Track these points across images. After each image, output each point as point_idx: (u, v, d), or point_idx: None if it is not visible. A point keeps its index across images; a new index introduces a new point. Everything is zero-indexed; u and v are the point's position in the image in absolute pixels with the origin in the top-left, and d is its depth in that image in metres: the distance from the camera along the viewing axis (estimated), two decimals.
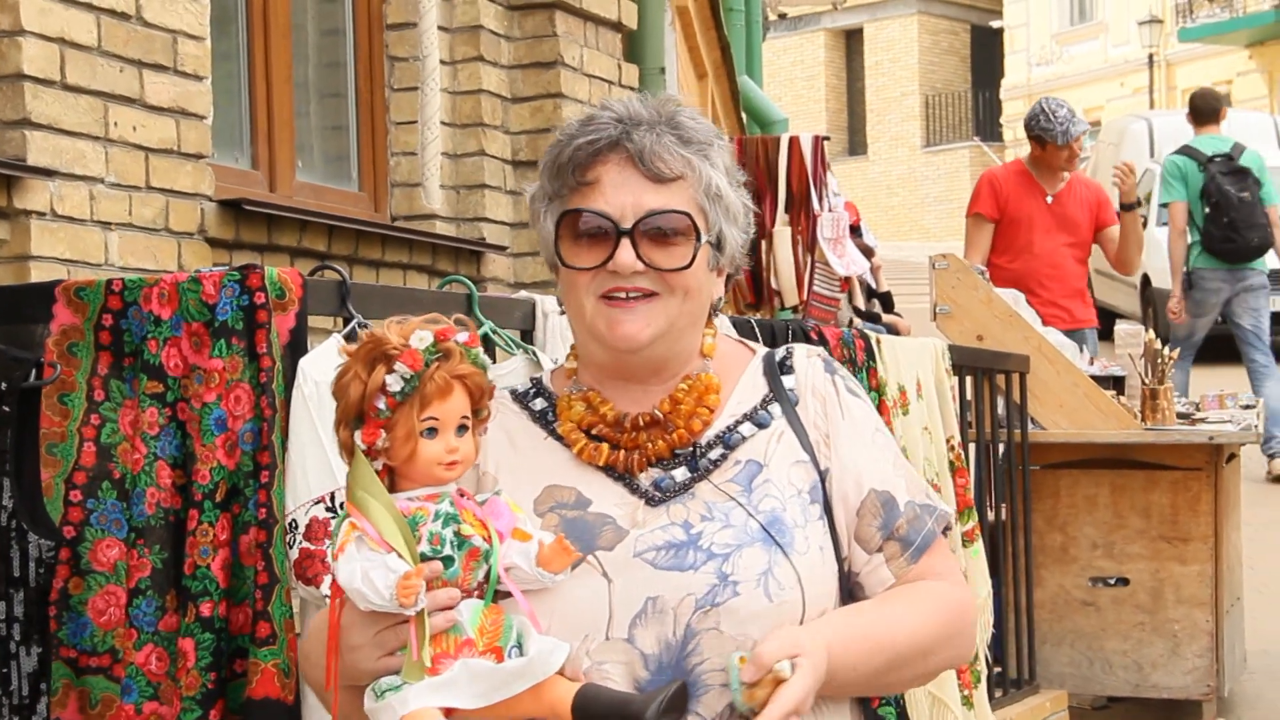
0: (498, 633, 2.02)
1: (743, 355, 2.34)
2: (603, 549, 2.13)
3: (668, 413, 2.22)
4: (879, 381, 3.96)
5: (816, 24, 39.57)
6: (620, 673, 2.07)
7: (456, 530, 2.03)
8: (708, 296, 2.25)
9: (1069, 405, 6.00)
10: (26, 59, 3.80)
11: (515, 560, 2.05)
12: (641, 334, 2.17)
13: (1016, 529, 5.74)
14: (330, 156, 5.62)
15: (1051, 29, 37.06)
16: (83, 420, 2.56)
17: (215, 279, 2.53)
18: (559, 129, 2.26)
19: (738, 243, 2.26)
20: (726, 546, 2.12)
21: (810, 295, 9.76)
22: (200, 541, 2.47)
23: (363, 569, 1.98)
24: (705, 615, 2.08)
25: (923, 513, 2.24)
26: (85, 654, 2.53)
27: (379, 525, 2.00)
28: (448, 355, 2.05)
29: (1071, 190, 8.00)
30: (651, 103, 2.24)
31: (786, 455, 2.22)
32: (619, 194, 2.17)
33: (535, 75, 5.80)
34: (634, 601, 2.09)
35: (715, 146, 2.24)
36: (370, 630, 2.03)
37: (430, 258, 5.43)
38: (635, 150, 2.17)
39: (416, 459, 2.04)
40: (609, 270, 2.16)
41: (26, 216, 3.81)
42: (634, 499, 2.18)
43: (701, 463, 2.20)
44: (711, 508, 2.16)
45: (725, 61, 10.22)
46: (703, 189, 2.20)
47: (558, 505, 2.17)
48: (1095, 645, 6.00)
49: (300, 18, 5.38)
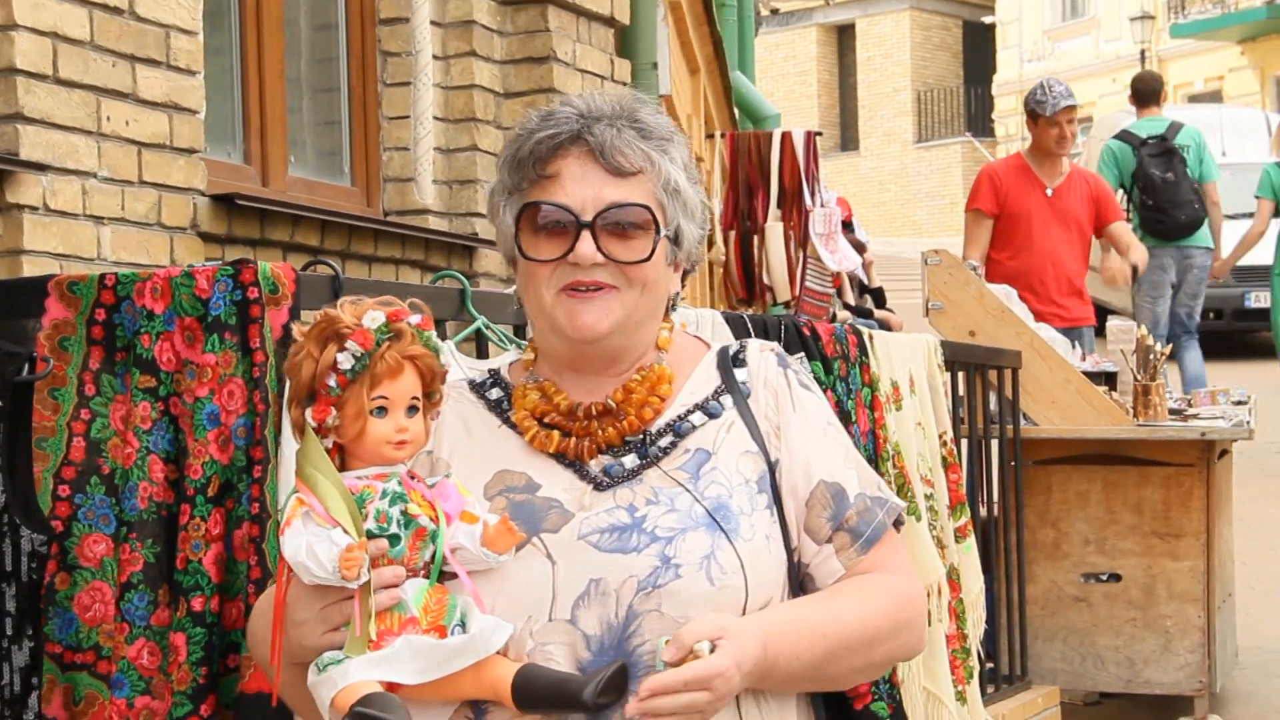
0: (441, 612, 2.05)
1: (697, 349, 2.36)
2: (548, 531, 2.16)
3: (620, 402, 2.24)
4: (872, 377, 3.96)
5: (809, 19, 39.56)
6: (563, 654, 2.10)
7: (404, 509, 2.06)
8: (665, 290, 2.28)
9: (1061, 401, 6.01)
10: (19, 53, 3.79)
11: (461, 541, 2.09)
12: (600, 324, 2.19)
13: (1009, 525, 5.74)
14: (323, 151, 5.61)
15: (1043, 24, 37.07)
16: (72, 415, 2.56)
17: (208, 274, 2.53)
18: (518, 124, 2.29)
19: (694, 238, 2.29)
20: (670, 530, 2.14)
21: (802, 290, 9.78)
22: (192, 536, 2.47)
23: (307, 543, 2.01)
24: (647, 597, 2.10)
25: (873, 504, 2.26)
26: (70, 650, 2.53)
27: (326, 501, 2.03)
28: (399, 335, 2.09)
29: (1072, 184, 7.96)
30: (612, 98, 2.26)
31: (736, 445, 2.24)
32: (580, 187, 2.19)
33: (528, 70, 5.80)
34: (577, 583, 2.12)
35: (674, 142, 2.26)
36: (315, 605, 2.06)
37: (423, 253, 5.43)
38: (596, 144, 2.19)
39: (366, 437, 2.08)
40: (569, 262, 2.18)
41: (19, 211, 3.81)
42: (582, 484, 2.21)
43: (651, 450, 2.23)
44: (658, 492, 2.19)
45: (718, 57, 10.22)
46: (662, 184, 2.23)
47: (507, 489, 2.20)
48: (1087, 641, 6.00)
49: (293, 13, 5.37)
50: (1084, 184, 8.07)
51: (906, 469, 4.06)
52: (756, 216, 9.53)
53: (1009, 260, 7.82)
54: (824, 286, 10.17)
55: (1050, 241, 7.82)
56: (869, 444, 3.87)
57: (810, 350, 3.68)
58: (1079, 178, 8.08)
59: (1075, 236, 7.93)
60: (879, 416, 3.96)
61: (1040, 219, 7.83)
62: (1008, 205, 7.85)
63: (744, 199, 9.55)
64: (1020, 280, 7.50)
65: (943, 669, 4.13)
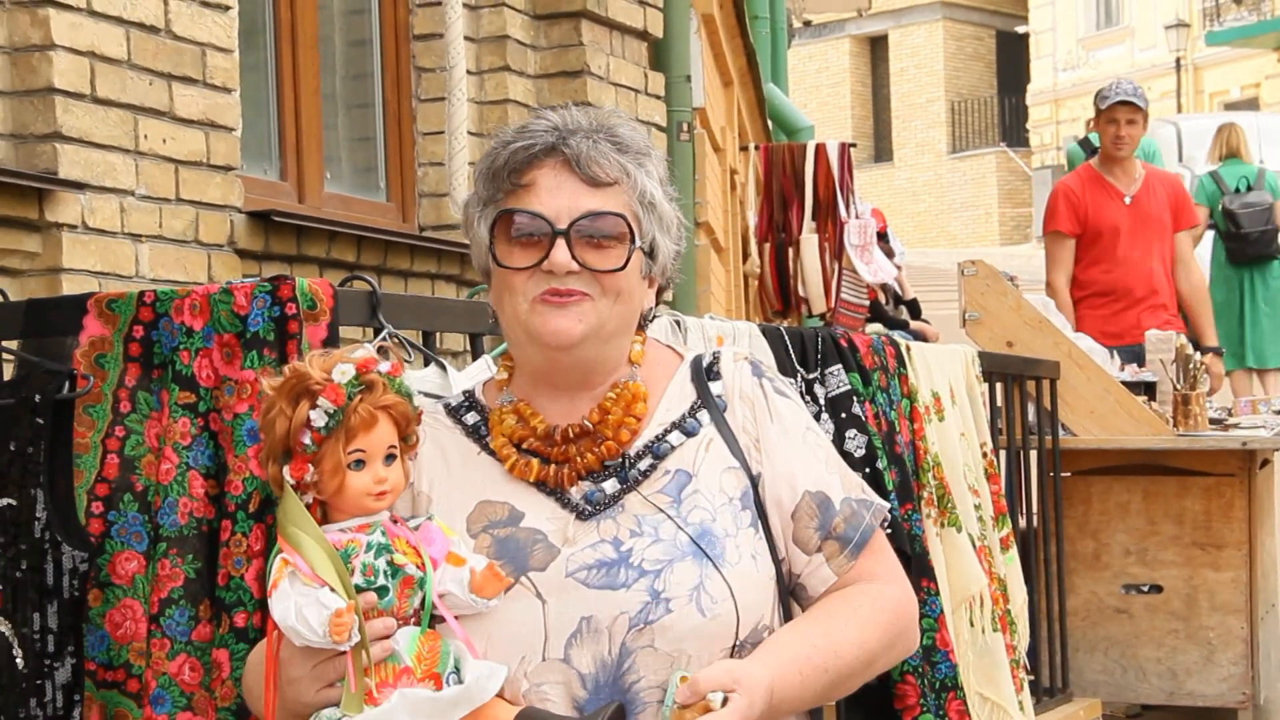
0: (435, 659, 2.04)
1: (671, 361, 2.35)
2: (535, 569, 2.14)
3: (597, 423, 2.23)
4: (910, 388, 3.95)
5: (842, 31, 39.55)
6: (558, 693, 2.09)
7: (390, 560, 2.05)
8: (639, 303, 2.27)
9: (1100, 411, 5.97)
10: (57, 73, 3.82)
11: (449, 587, 2.07)
12: (573, 330, 2.18)
13: (1048, 536, 5.70)
14: (358, 167, 5.63)
15: (1078, 34, 36.97)
16: (107, 432, 2.56)
17: (247, 290, 2.53)
18: (494, 135, 2.29)
19: (670, 254, 2.29)
20: (657, 563, 2.13)
21: (838, 302, 9.76)
22: (234, 552, 2.47)
23: (296, 605, 2.00)
24: (639, 633, 2.10)
25: (859, 508, 2.26)
26: (102, 667, 2.52)
27: (311, 560, 2.01)
28: (370, 387, 2.07)
29: (1150, 189, 7.51)
30: (590, 112, 2.27)
31: (716, 463, 2.24)
32: (555, 196, 2.19)
33: (562, 84, 5.81)
34: (568, 622, 2.11)
35: (651, 157, 2.27)
36: (308, 663, 2.05)
37: (459, 267, 5.44)
38: (572, 155, 2.19)
39: (345, 491, 2.06)
40: (544, 270, 2.18)
41: (58, 229, 3.83)
42: (565, 513, 2.19)
43: (631, 474, 2.22)
44: (641, 521, 2.17)
45: (751, 69, 10.22)
46: (637, 196, 2.23)
47: (491, 524, 2.19)
48: (1129, 653, 5.96)
49: (327, 29, 5.40)
50: (1163, 186, 7.60)
51: (947, 480, 4.03)
52: (791, 228, 9.52)
53: (1098, 277, 7.42)
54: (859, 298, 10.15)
55: (1136, 252, 7.41)
56: (909, 455, 3.85)
57: (848, 362, 3.66)
58: (1156, 181, 7.61)
59: (1162, 242, 7.48)
60: (919, 428, 3.94)
61: (1124, 230, 7.42)
62: (1088, 221, 7.44)
63: (779, 211, 9.55)
64: (1112, 296, 7.27)
65: (1005, 677, 4.10)
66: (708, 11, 8.10)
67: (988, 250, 30.86)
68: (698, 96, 7.17)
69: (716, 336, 3.48)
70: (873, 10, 29.34)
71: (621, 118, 2.28)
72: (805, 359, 3.62)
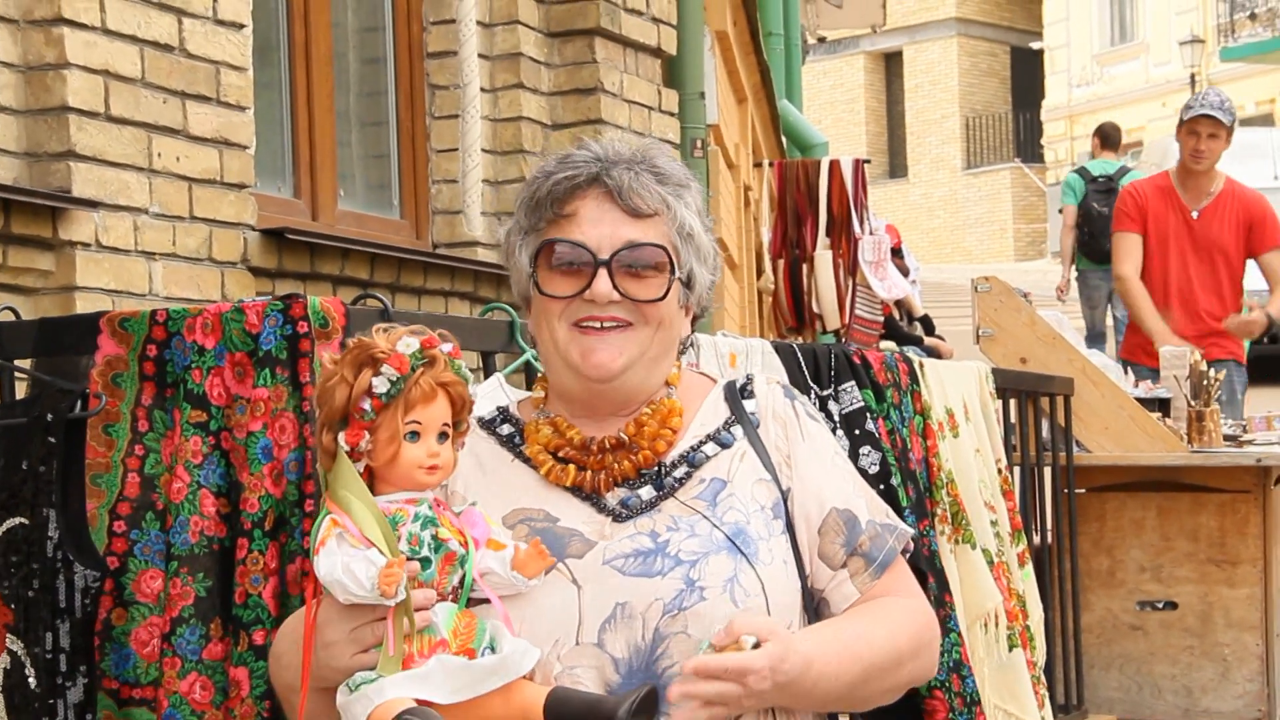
0: (471, 635, 2.07)
1: (704, 384, 2.41)
2: (572, 557, 2.19)
3: (632, 435, 2.27)
4: (924, 405, 3.94)
5: (856, 47, 39.56)
6: (591, 677, 2.13)
7: (434, 533, 2.08)
8: (678, 332, 2.32)
9: (1114, 428, 5.96)
10: (71, 91, 3.83)
11: (490, 565, 2.11)
12: (614, 363, 2.23)
13: (1063, 553, 5.69)
14: (372, 185, 5.64)
15: (1092, 50, 36.94)
16: (127, 451, 2.57)
17: (259, 309, 2.54)
18: (537, 167, 2.33)
19: (706, 283, 2.34)
20: (693, 554, 2.18)
21: (852, 318, 9.76)
22: (251, 570, 2.48)
23: (344, 562, 2.03)
24: (673, 620, 2.13)
25: (884, 531, 2.31)
26: (128, 685, 2.53)
27: (360, 522, 2.05)
28: (433, 362, 2.11)
29: (1220, 207, 7.26)
30: (632, 144, 2.31)
31: (749, 473, 2.28)
32: (597, 227, 2.23)
33: (575, 101, 5.81)
34: (603, 607, 2.15)
35: (690, 189, 2.32)
36: (346, 626, 2.08)
37: (472, 284, 5.44)
38: (614, 185, 2.24)
39: (398, 462, 2.10)
40: (584, 299, 2.22)
41: (71, 247, 3.84)
42: (601, 517, 2.23)
43: (667, 481, 2.26)
44: (678, 520, 2.22)
45: (765, 85, 10.22)
46: (676, 227, 2.28)
47: (526, 520, 2.23)
48: (1144, 669, 5.94)
49: (341, 47, 5.41)
50: (1237, 206, 7.30)
51: (961, 497, 4.02)
52: (805, 245, 9.52)
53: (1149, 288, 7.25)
54: (873, 314, 10.15)
55: (1182, 274, 7.23)
56: (923, 472, 3.84)
57: (861, 378, 3.66)
58: (1232, 199, 7.32)
59: (1216, 268, 7.27)
60: (932, 444, 3.93)
61: (1177, 246, 7.25)
62: (1149, 224, 7.27)
63: (792, 227, 9.54)
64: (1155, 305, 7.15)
65: (1027, 692, 4.10)
66: (721, 28, 8.10)
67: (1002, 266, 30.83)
68: (711, 113, 7.18)
69: (729, 354, 3.48)
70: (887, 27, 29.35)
71: (662, 149, 2.33)
72: (819, 375, 3.62)
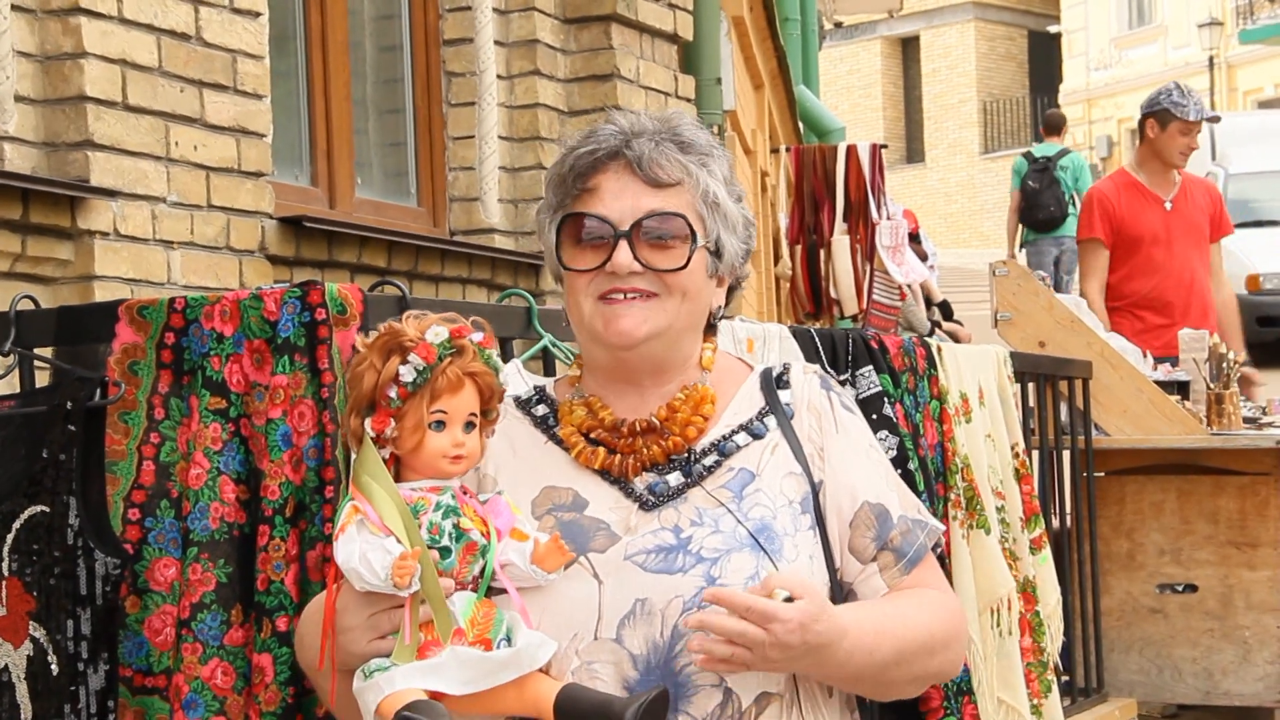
0: (488, 625, 2.07)
1: (740, 371, 2.39)
2: (595, 551, 2.19)
3: (664, 420, 2.27)
4: (940, 389, 3.93)
5: (873, 32, 39.47)
6: (609, 673, 2.12)
7: (456, 523, 2.09)
8: (706, 302, 2.31)
9: (1133, 411, 5.94)
10: (89, 80, 3.84)
11: (511, 558, 2.11)
12: (638, 330, 2.22)
13: (1082, 536, 5.68)
14: (389, 172, 5.65)
15: (1110, 33, 36.82)
16: (142, 439, 2.57)
17: (276, 296, 2.54)
18: (564, 142, 2.33)
19: (738, 252, 2.32)
20: (715, 551, 2.17)
21: (870, 304, 9.74)
22: (273, 557, 2.48)
23: (361, 550, 2.04)
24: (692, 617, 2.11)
25: (915, 527, 2.29)
26: (140, 673, 2.53)
27: (380, 510, 2.06)
28: (461, 351, 2.12)
29: (1187, 194, 7.30)
30: (656, 116, 2.32)
31: (779, 466, 2.27)
32: (618, 199, 2.24)
33: (592, 88, 5.81)
34: (623, 603, 2.15)
35: (714, 157, 2.30)
36: (364, 613, 2.09)
37: (489, 272, 5.45)
38: (634, 157, 2.24)
39: (423, 450, 2.10)
40: (607, 271, 2.22)
41: (90, 237, 3.85)
42: (628, 502, 2.23)
43: (695, 468, 2.26)
44: (702, 513, 2.21)
45: (782, 71, 10.21)
46: (700, 196, 2.26)
47: (555, 507, 2.23)
48: (1164, 652, 5.94)
49: (358, 35, 5.41)
50: (1201, 193, 7.38)
51: (976, 482, 4.02)
52: (823, 230, 9.50)
53: (1138, 287, 7.21)
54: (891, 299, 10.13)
55: (1175, 260, 7.20)
56: (937, 457, 3.84)
57: (878, 363, 3.65)
58: (1193, 185, 7.39)
59: (1203, 251, 7.27)
60: (947, 429, 3.93)
61: (1164, 237, 7.21)
62: (1124, 229, 7.24)
63: (810, 213, 9.53)
64: (1148, 306, 7.11)
65: (1019, 681, 4.09)
66: (738, 14, 8.10)
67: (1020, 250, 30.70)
68: (728, 99, 7.17)
69: (747, 339, 3.48)
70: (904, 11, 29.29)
71: (686, 118, 2.33)
72: (836, 360, 3.62)
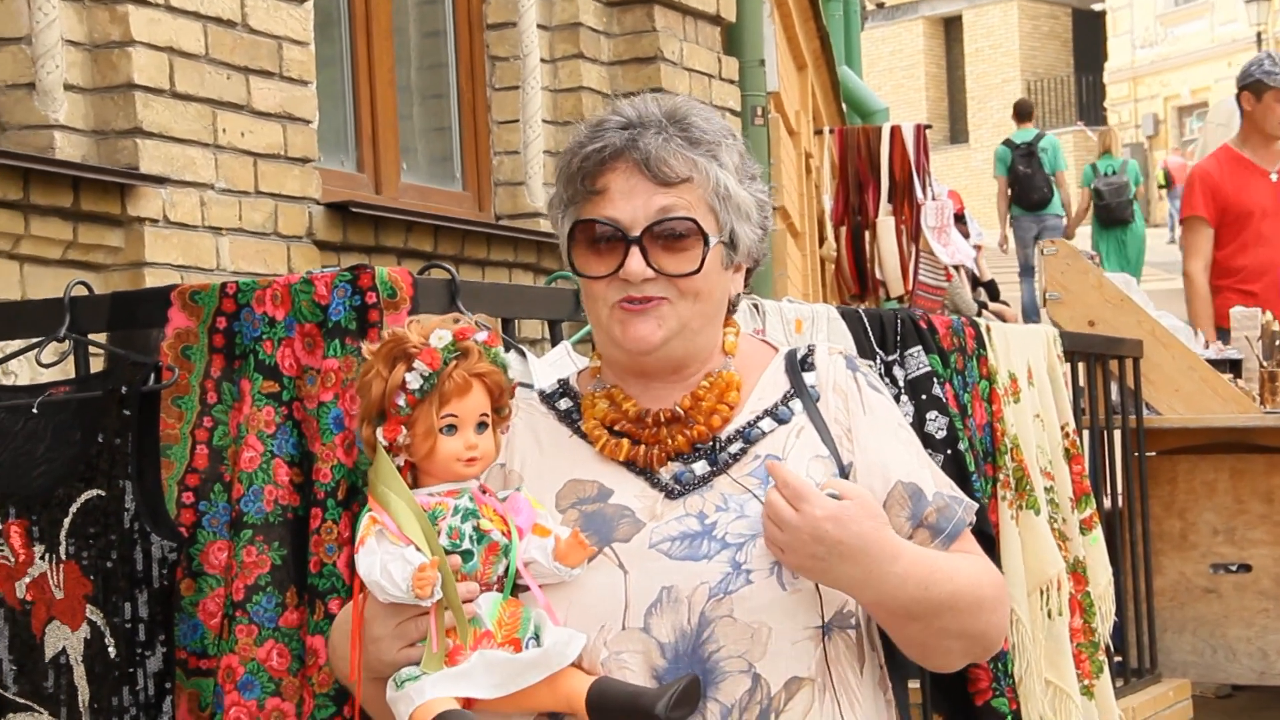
0: (516, 625, 2.07)
1: (765, 354, 2.37)
2: (619, 541, 2.17)
3: (688, 409, 2.26)
4: (989, 369, 3.92)
5: (915, 12, 39.28)
6: (637, 662, 2.11)
7: (476, 525, 2.08)
8: (723, 295, 2.29)
9: (1185, 390, 5.90)
10: (137, 68, 3.86)
11: (534, 555, 2.11)
12: (653, 336, 2.21)
13: (1134, 516, 5.65)
14: (434, 157, 5.65)
15: (1155, 9, 36.51)
16: (195, 423, 2.59)
17: (327, 280, 2.55)
18: (572, 135, 2.30)
19: (753, 238, 2.30)
20: (740, 536, 2.15)
21: (915, 284, 9.71)
22: (325, 539, 2.49)
23: (382, 561, 2.04)
24: (719, 603, 2.11)
25: (951, 503, 2.27)
26: (195, 656, 2.55)
27: (399, 519, 2.05)
28: (466, 354, 2.11)
29: None
30: (665, 104, 2.27)
31: (805, 450, 2.25)
32: (628, 202, 2.21)
33: (635, 71, 5.80)
34: (649, 591, 2.13)
35: (724, 145, 2.27)
36: (391, 622, 2.09)
37: (535, 255, 5.45)
38: (641, 156, 2.21)
39: (436, 455, 2.10)
40: (620, 278, 2.20)
41: (140, 224, 3.87)
42: (654, 492, 2.22)
43: (721, 457, 2.24)
44: (728, 499, 2.20)
45: (824, 52, 10.18)
46: (711, 190, 2.24)
47: (579, 501, 2.22)
48: (1218, 633, 5.89)
49: (401, 20, 5.42)
50: None
51: (1025, 462, 4.00)
52: (867, 211, 9.48)
53: (1246, 262, 7.06)
54: (937, 280, 10.10)
55: None
56: (986, 437, 3.82)
57: (927, 343, 3.64)
58: None
59: None
60: (997, 409, 3.91)
61: (1272, 209, 7.04)
62: (1229, 205, 7.09)
63: (854, 194, 9.50)
64: (1248, 280, 6.99)
65: (1067, 663, 4.07)
66: None
67: None
68: (771, 81, 7.15)
69: (795, 320, 3.47)
70: None
71: (694, 107, 2.29)
72: (884, 341, 3.61)
